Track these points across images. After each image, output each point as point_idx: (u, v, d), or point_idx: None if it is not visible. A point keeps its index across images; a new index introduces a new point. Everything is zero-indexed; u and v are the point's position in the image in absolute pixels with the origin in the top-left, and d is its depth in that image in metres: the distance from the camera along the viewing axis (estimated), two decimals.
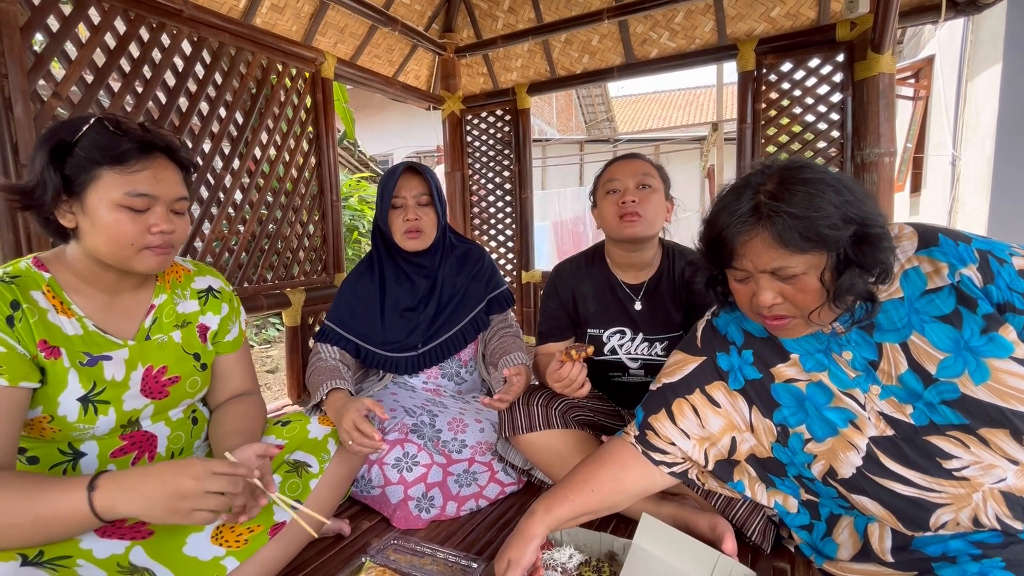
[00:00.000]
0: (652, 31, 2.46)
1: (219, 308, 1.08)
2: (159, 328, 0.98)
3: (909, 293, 0.80)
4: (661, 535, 1.00)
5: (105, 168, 0.81)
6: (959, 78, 4.14)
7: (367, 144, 8.23)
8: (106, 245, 0.83)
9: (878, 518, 0.86)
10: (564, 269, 1.46)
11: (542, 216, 6.93)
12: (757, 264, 0.77)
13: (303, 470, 1.01)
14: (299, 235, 2.18)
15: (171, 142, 0.89)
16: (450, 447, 1.34)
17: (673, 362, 1.03)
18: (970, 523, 0.79)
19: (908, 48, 5.58)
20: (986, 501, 0.77)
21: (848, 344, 0.85)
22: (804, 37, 2.11)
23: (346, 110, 4.41)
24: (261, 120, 1.99)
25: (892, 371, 0.81)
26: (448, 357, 1.51)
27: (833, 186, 0.75)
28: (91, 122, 0.83)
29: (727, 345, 0.97)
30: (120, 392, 0.91)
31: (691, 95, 14.68)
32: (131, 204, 0.82)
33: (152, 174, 0.84)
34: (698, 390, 0.98)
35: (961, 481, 0.77)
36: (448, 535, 1.21)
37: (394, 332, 1.47)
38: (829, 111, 2.10)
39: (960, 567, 0.76)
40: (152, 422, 0.97)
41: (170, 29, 1.66)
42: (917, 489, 0.80)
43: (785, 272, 0.76)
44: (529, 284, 2.97)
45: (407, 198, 1.42)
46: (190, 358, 1.02)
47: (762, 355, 0.93)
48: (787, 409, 0.91)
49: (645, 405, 1.03)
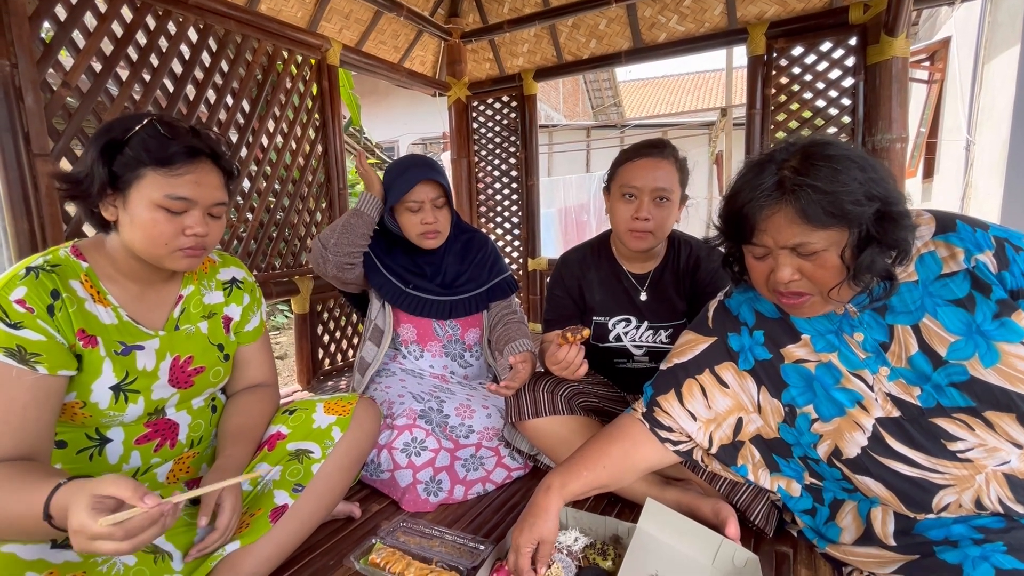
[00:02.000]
0: (660, 15, 2.42)
1: (241, 299, 1.10)
2: (187, 319, 1.01)
3: (924, 276, 0.80)
4: (665, 519, 1.02)
5: (150, 169, 0.83)
6: (975, 60, 4.05)
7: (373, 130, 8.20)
8: (141, 242, 0.86)
9: (881, 500, 0.87)
10: (570, 258, 1.46)
11: (548, 203, 6.89)
12: (778, 240, 0.77)
13: (304, 456, 1.02)
14: (307, 223, 2.20)
15: (217, 148, 0.91)
16: (457, 432, 1.36)
17: (684, 342, 1.04)
18: (972, 505, 0.79)
19: (924, 30, 5.45)
20: (989, 483, 0.78)
21: (860, 326, 0.85)
22: (816, 20, 2.07)
23: (352, 96, 4.40)
24: (268, 108, 1.99)
25: (902, 353, 0.81)
26: (468, 313, 1.56)
27: (857, 163, 0.75)
28: (144, 122, 0.86)
29: (738, 326, 0.98)
30: (150, 382, 0.93)
31: (700, 79, 14.44)
32: (169, 206, 0.85)
33: (194, 179, 0.86)
34: (708, 370, 0.98)
35: (965, 463, 0.78)
36: (456, 518, 1.24)
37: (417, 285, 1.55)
38: (840, 96, 2.07)
39: (962, 551, 0.77)
40: (176, 410, 1.00)
41: (176, 17, 1.66)
42: (921, 470, 0.81)
43: (806, 248, 0.76)
44: (535, 272, 2.97)
45: (424, 201, 1.44)
46: (215, 349, 1.04)
47: (773, 336, 0.93)
48: (795, 389, 0.91)
49: (655, 383, 1.04)
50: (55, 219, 1.39)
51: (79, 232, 1.46)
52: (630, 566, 0.91)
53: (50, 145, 1.37)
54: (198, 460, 1.04)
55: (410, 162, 1.47)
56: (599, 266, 1.41)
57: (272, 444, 1.04)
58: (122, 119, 0.88)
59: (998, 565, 0.72)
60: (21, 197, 1.33)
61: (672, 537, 1.01)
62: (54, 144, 1.39)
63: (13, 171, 1.31)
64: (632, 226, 1.26)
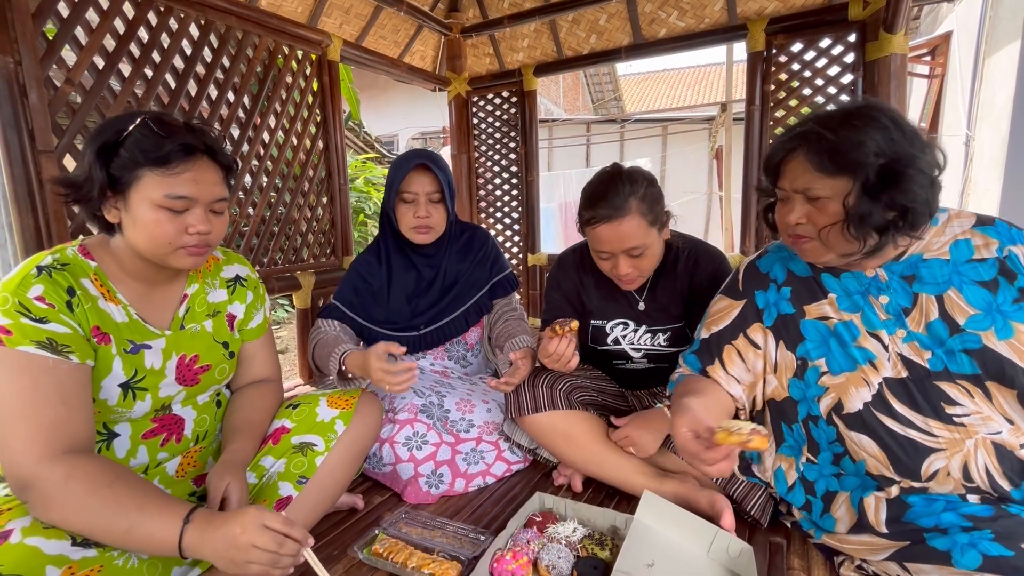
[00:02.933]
0: (661, 10, 2.42)
1: (244, 296, 1.11)
2: (192, 318, 1.02)
3: (955, 257, 0.88)
4: (662, 511, 1.04)
5: (147, 169, 0.83)
6: (976, 55, 4.04)
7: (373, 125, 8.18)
8: (145, 242, 0.87)
9: (870, 462, 0.90)
10: (567, 261, 1.45)
11: (548, 198, 6.88)
12: (792, 183, 0.86)
13: (308, 449, 1.04)
14: (308, 218, 2.21)
15: (213, 143, 0.91)
16: (458, 427, 1.38)
17: (718, 309, 1.08)
18: (960, 475, 0.83)
19: (925, 24, 5.43)
20: (977, 449, 0.83)
21: (887, 290, 0.92)
22: (816, 16, 2.07)
23: (351, 91, 4.39)
24: (269, 104, 2.00)
25: (922, 319, 0.88)
26: (448, 340, 1.54)
27: (884, 124, 0.81)
28: (136, 122, 0.85)
29: (767, 283, 1.04)
30: (158, 380, 0.95)
31: (700, 73, 14.38)
32: (170, 205, 0.85)
33: (192, 176, 0.86)
34: (742, 335, 1.04)
35: (958, 427, 0.83)
36: (457, 510, 1.26)
37: (398, 315, 1.50)
38: (840, 92, 2.07)
39: (951, 538, 0.80)
40: (182, 406, 1.01)
41: (177, 13, 1.67)
42: (916, 431, 0.86)
43: (812, 193, 0.84)
44: (535, 267, 2.99)
45: (419, 194, 1.42)
46: (220, 347, 1.06)
47: (800, 293, 1.00)
48: (811, 343, 0.97)
49: (698, 354, 1.08)
50: (60, 215, 1.40)
51: (84, 228, 1.48)
52: (627, 556, 0.93)
53: (54, 142, 1.38)
54: (204, 455, 1.06)
55: (412, 153, 1.46)
56: (596, 270, 1.40)
57: (276, 438, 1.06)
58: (114, 120, 0.87)
59: (985, 552, 0.75)
60: (26, 193, 1.34)
61: (668, 528, 1.03)
62: (58, 141, 1.40)
63: (18, 167, 1.32)
64: (617, 276, 1.26)
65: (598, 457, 1.25)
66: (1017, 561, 0.72)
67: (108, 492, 0.73)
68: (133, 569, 0.79)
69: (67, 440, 0.77)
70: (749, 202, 2.30)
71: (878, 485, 0.91)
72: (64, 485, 0.73)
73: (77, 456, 0.77)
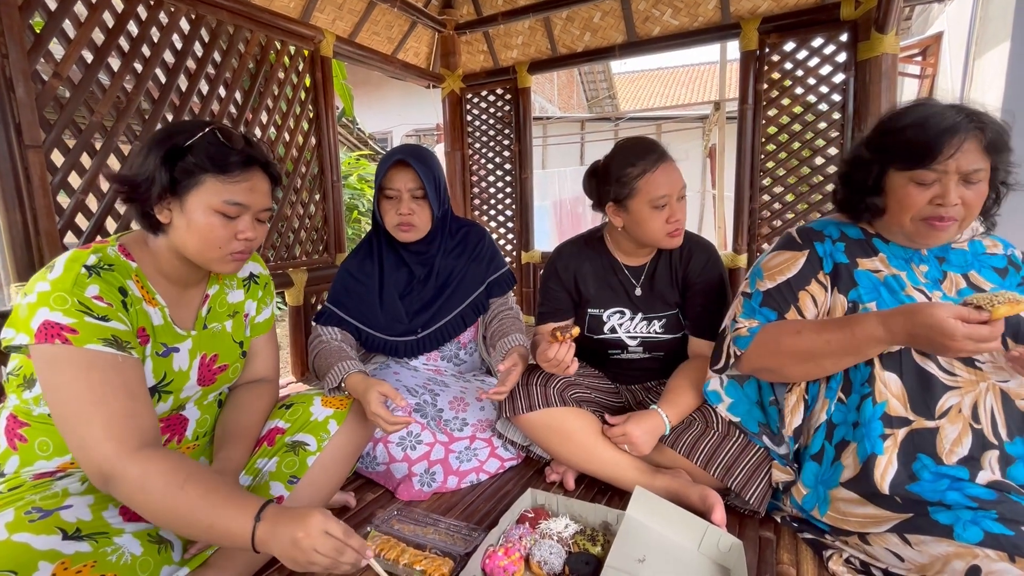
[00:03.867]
0: (655, 8, 2.43)
1: (256, 293, 1.14)
2: (214, 317, 1.04)
3: (973, 250, 1.06)
4: (653, 506, 1.05)
5: (210, 175, 0.88)
6: (966, 56, 4.07)
7: (366, 121, 8.14)
8: (196, 244, 0.90)
9: (891, 402, 0.96)
10: (565, 251, 1.47)
11: (542, 196, 6.90)
12: (962, 164, 0.90)
13: (300, 448, 1.05)
14: (300, 215, 2.20)
15: (267, 157, 0.97)
16: (452, 425, 1.38)
17: (780, 261, 1.11)
18: (969, 412, 0.92)
19: (916, 24, 5.47)
20: (988, 392, 0.93)
21: (926, 260, 1.05)
22: (808, 16, 2.08)
23: (344, 87, 4.36)
24: (261, 100, 1.98)
25: (952, 288, 1.02)
26: (448, 341, 1.54)
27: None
28: (205, 130, 0.90)
29: (823, 237, 1.11)
30: (183, 383, 0.96)
31: (695, 71, 14.41)
32: (226, 211, 0.90)
33: (249, 186, 0.92)
34: (814, 279, 1.08)
35: (976, 371, 0.94)
36: (449, 506, 1.27)
37: (393, 316, 1.49)
38: (832, 92, 2.09)
39: (954, 513, 0.84)
40: (193, 405, 1.02)
41: (168, 7, 1.65)
42: (939, 370, 0.95)
43: (978, 176, 0.92)
44: (529, 264, 2.99)
45: (401, 191, 1.39)
46: (237, 346, 1.08)
47: (853, 249, 1.08)
48: (863, 288, 1.04)
49: (768, 304, 1.10)
50: (48, 211, 1.39)
51: (71, 223, 1.46)
52: (618, 551, 0.94)
53: (42, 136, 1.37)
54: (198, 452, 1.05)
55: (395, 150, 1.43)
56: (593, 259, 1.43)
57: (272, 439, 1.06)
58: (184, 125, 0.92)
59: (988, 530, 0.79)
60: (13, 188, 1.32)
61: (659, 523, 1.04)
62: (46, 135, 1.38)
63: (5, 162, 1.31)
64: (669, 229, 1.28)
65: (591, 454, 1.25)
66: (1017, 540, 0.76)
67: (181, 494, 0.75)
68: (126, 565, 0.79)
69: (139, 433, 0.79)
70: (742, 200, 2.31)
71: (885, 435, 0.95)
72: (141, 489, 0.76)
73: (150, 454, 0.78)
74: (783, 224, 2.26)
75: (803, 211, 2.21)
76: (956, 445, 0.91)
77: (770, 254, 1.15)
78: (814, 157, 2.16)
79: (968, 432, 0.91)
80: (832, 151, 2.12)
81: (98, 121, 1.50)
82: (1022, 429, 0.92)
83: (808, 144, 2.17)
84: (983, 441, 0.91)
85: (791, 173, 2.22)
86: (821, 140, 2.13)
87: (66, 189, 1.44)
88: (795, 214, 2.23)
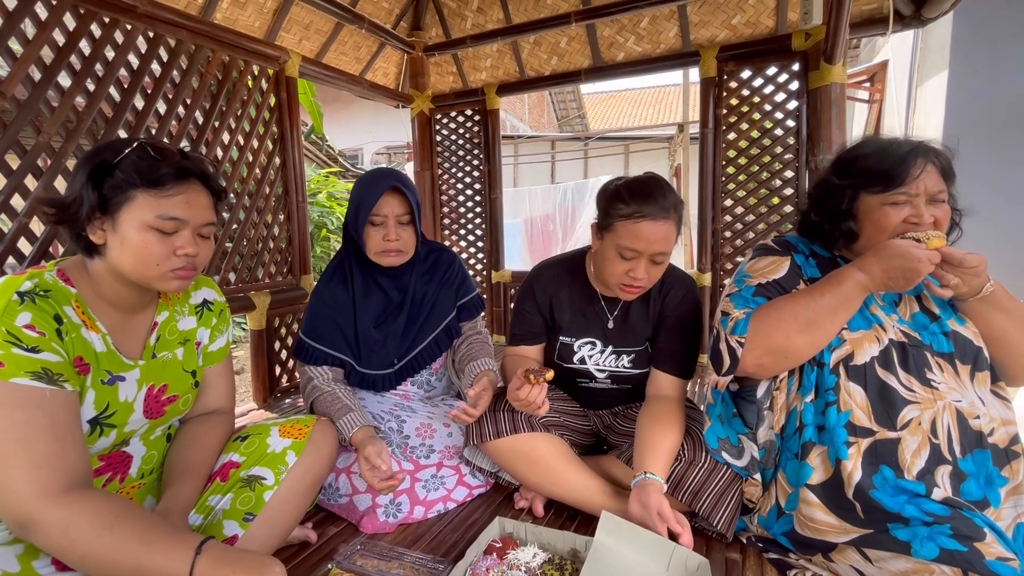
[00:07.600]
0: (619, 35, 2.50)
1: (209, 321, 1.08)
2: (163, 346, 0.99)
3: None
4: (621, 530, 1.04)
5: (140, 190, 0.84)
6: (910, 83, 4.34)
7: (336, 139, 8.08)
8: (132, 263, 0.86)
9: (855, 412, 1.00)
10: (544, 274, 1.43)
11: (514, 213, 6.94)
12: (928, 186, 0.99)
13: (256, 483, 0.99)
14: (263, 237, 2.15)
15: (206, 169, 0.93)
16: (418, 453, 1.35)
17: (765, 264, 1.14)
18: (928, 427, 0.97)
19: (864, 52, 5.81)
20: (944, 411, 0.98)
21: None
22: (763, 46, 2.18)
23: (314, 104, 4.32)
24: (222, 120, 1.94)
25: (907, 311, 1.07)
26: (423, 369, 1.51)
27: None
28: (133, 145, 0.86)
29: (797, 249, 1.16)
30: (127, 415, 0.90)
31: (660, 93, 14.90)
32: (161, 227, 0.85)
33: (185, 199, 0.87)
34: (802, 281, 1.12)
35: (933, 390, 1.00)
36: (415, 538, 1.23)
37: (369, 345, 1.44)
38: (786, 118, 2.18)
39: (912, 529, 0.87)
40: (137, 441, 0.96)
41: (123, 25, 1.61)
42: (900, 386, 1.00)
43: (942, 196, 1.00)
44: (499, 284, 2.99)
45: (388, 217, 1.36)
46: (188, 376, 1.02)
47: (823, 266, 1.13)
48: None
49: (766, 295, 1.11)
50: None
51: (13, 249, 1.39)
52: None
53: None
54: (144, 491, 0.99)
55: (380, 174, 1.40)
56: (572, 286, 1.40)
57: (225, 474, 1.01)
58: (111, 143, 0.89)
59: (943, 546, 0.82)
60: None
61: (627, 548, 1.03)
62: None
63: None
64: (624, 281, 1.20)
65: (560, 478, 1.24)
66: (970, 556, 0.80)
67: (109, 536, 0.71)
68: None
69: (63, 476, 0.74)
70: (705, 221, 2.38)
71: (849, 442, 0.99)
72: (64, 534, 0.70)
73: (76, 496, 0.73)
74: (744, 244, 2.33)
75: (763, 231, 2.29)
76: (916, 456, 0.95)
77: (751, 261, 1.18)
78: (772, 179, 2.24)
79: (927, 444, 0.96)
80: (788, 174, 2.21)
81: (45, 142, 1.44)
82: (974, 447, 0.97)
83: (766, 167, 2.25)
84: (939, 455, 0.95)
85: (751, 195, 2.30)
86: (778, 163, 2.22)
87: (8, 213, 1.37)
88: (755, 234, 2.31)
